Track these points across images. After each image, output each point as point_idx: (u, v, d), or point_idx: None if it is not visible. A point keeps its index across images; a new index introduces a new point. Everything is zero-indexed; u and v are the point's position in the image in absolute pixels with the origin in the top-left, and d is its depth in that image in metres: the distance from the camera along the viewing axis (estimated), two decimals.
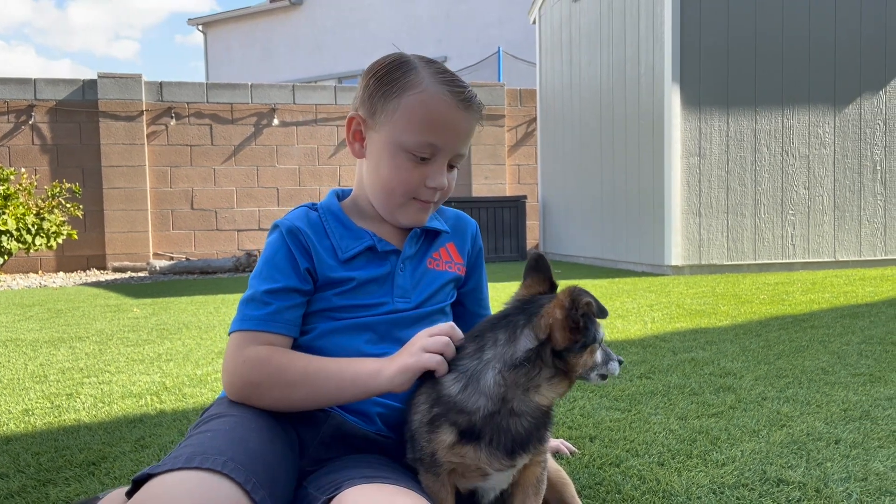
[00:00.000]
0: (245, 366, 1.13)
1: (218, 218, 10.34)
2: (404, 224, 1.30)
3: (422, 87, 1.20)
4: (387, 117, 1.22)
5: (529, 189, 11.25)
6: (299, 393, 1.13)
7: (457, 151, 1.25)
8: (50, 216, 8.21)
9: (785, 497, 1.37)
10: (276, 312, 1.18)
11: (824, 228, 6.63)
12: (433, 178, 1.23)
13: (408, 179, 1.23)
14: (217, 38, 20.05)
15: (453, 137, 1.23)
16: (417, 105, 1.20)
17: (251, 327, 1.16)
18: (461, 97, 1.22)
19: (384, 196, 1.27)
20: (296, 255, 1.22)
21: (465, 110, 1.23)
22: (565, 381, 1.07)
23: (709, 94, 6.39)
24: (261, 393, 1.13)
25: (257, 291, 1.19)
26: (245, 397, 1.14)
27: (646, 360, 2.70)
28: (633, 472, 1.54)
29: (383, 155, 1.24)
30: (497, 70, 14.83)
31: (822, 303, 4.12)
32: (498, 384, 1.06)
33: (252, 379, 1.12)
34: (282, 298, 1.19)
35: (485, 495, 1.18)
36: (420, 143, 1.20)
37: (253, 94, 10.36)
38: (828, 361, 2.58)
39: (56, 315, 4.90)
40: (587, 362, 1.06)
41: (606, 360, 1.09)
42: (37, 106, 9.53)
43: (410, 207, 1.27)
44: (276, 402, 1.14)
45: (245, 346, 1.15)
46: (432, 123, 1.20)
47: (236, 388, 1.14)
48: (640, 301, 4.56)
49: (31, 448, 1.87)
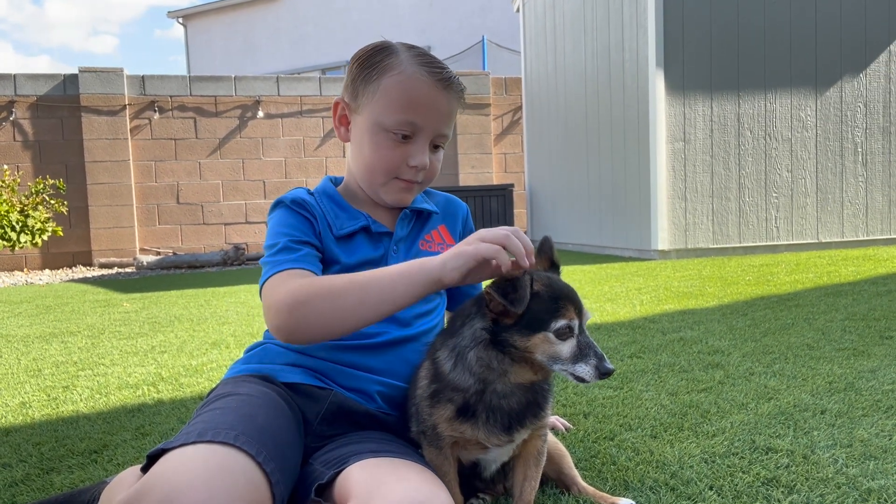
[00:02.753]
0: (289, 292, 1.10)
1: (204, 212, 10.29)
2: (388, 203, 1.33)
3: (400, 69, 1.24)
4: (367, 99, 1.25)
5: (516, 177, 11.28)
6: (350, 300, 1.08)
7: (438, 131, 1.27)
8: (34, 213, 8.12)
9: (774, 464, 1.42)
10: (306, 255, 1.20)
11: (807, 210, 6.72)
12: (414, 156, 1.26)
13: (389, 158, 1.26)
14: (198, 30, 19.82)
15: (432, 115, 1.25)
16: (396, 86, 1.23)
17: (286, 267, 1.16)
18: (439, 77, 1.25)
19: (368, 175, 1.30)
20: (308, 218, 1.27)
21: (443, 89, 1.26)
22: (526, 366, 1.08)
23: (693, 79, 6.45)
24: (309, 310, 1.08)
25: (283, 242, 1.20)
26: (293, 321, 1.09)
27: (636, 341, 2.75)
28: (628, 445, 1.58)
29: (365, 136, 1.27)
30: (482, 59, 14.81)
31: (806, 282, 4.20)
32: (479, 363, 1.09)
33: (298, 297, 1.09)
34: (307, 248, 1.22)
35: (487, 467, 1.22)
36: (399, 121, 1.23)
37: (237, 86, 10.28)
38: (813, 338, 2.64)
39: (45, 311, 4.88)
40: (542, 349, 1.05)
41: (577, 359, 1.03)
42: (17, 102, 9.40)
43: (393, 186, 1.30)
44: (325, 317, 1.09)
45: (285, 281, 1.13)
46: (411, 102, 1.23)
47: (283, 313, 1.09)
48: (629, 285, 4.62)
49: (32, 439, 1.88)
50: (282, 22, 18.75)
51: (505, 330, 1.06)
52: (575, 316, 1.05)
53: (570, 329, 1.04)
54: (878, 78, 6.72)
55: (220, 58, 19.19)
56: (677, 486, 1.33)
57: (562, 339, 1.04)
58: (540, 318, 1.04)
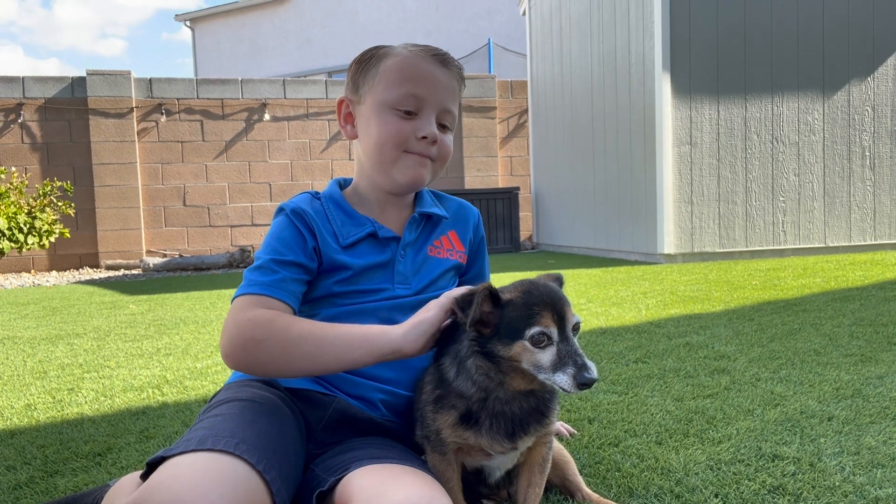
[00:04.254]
0: (248, 323, 1.10)
1: (210, 214, 10.32)
2: (403, 182, 1.28)
3: (395, 53, 1.27)
4: (368, 87, 1.27)
5: (522, 180, 11.28)
6: (303, 350, 1.08)
7: (443, 105, 1.28)
8: (42, 215, 8.17)
9: (780, 471, 1.41)
10: (281, 280, 1.18)
11: (815, 215, 6.69)
12: (422, 128, 1.26)
13: (397, 131, 1.25)
14: (205, 33, 19.91)
15: (434, 88, 1.26)
16: (394, 65, 1.26)
17: (257, 291, 1.15)
18: (434, 53, 1.28)
19: (378, 156, 1.27)
20: (304, 233, 1.25)
21: (440, 65, 1.28)
22: (517, 375, 1.07)
23: (699, 82, 6.43)
24: (260, 351, 1.08)
25: (265, 260, 1.20)
26: (243, 356, 1.09)
27: (641, 346, 2.74)
28: (632, 451, 1.57)
29: (372, 119, 1.27)
30: (488, 62, 14.82)
31: (813, 287, 4.18)
32: (479, 371, 1.08)
33: (254, 335, 1.09)
34: (288, 270, 1.20)
35: (491, 473, 1.21)
36: (402, 94, 1.24)
37: (243, 89, 10.32)
38: (820, 343, 2.62)
39: (52, 313, 4.90)
40: (523, 357, 1.03)
41: (556, 368, 1.00)
42: (25, 104, 9.46)
43: (406, 162, 1.27)
44: (275, 361, 1.09)
45: (250, 308, 1.13)
46: (411, 76, 1.25)
47: (235, 345, 1.09)
48: (634, 289, 4.60)
49: (36, 441, 1.88)
50: (288, 25, 18.82)
51: (488, 340, 1.06)
52: (552, 323, 1.02)
53: (546, 336, 1.01)
54: (886, 81, 6.68)
55: (227, 61, 19.27)
56: (682, 494, 1.32)
57: (539, 348, 1.02)
58: (514, 327, 1.03)
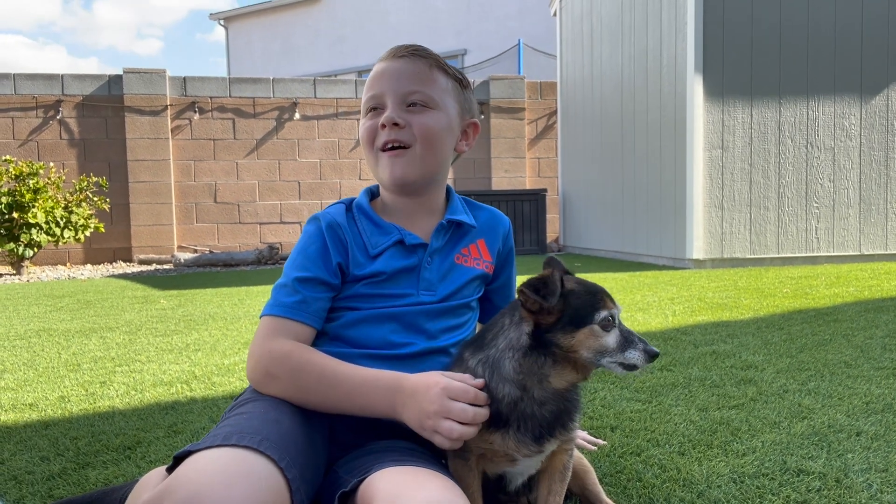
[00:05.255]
0: (267, 356, 1.19)
1: (240, 211, 10.47)
2: (387, 180, 1.34)
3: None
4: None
5: (549, 182, 11.22)
6: (316, 394, 1.17)
7: (403, 89, 1.30)
8: (78, 209, 8.37)
9: (805, 487, 1.39)
10: (303, 302, 1.24)
11: (849, 222, 6.54)
12: (383, 118, 1.31)
13: (367, 129, 1.33)
14: (238, 32, 20.20)
15: (388, 81, 1.31)
16: (368, 78, 1.36)
17: (280, 313, 1.23)
18: (394, 52, 1.34)
19: (368, 163, 1.38)
20: (330, 249, 1.27)
21: (394, 59, 1.33)
22: (569, 367, 1.08)
23: (732, 84, 6.33)
24: (277, 385, 1.18)
25: (290, 278, 1.26)
26: (262, 387, 1.20)
27: (666, 353, 2.71)
28: (654, 462, 1.56)
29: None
30: (517, 63, 14.78)
31: (846, 296, 4.09)
32: (516, 371, 1.09)
33: (270, 370, 1.19)
34: (310, 289, 1.25)
35: (512, 480, 1.22)
36: (365, 101, 1.34)
37: (275, 88, 10.45)
38: (851, 355, 2.57)
39: (86, 306, 5.03)
40: (587, 344, 1.05)
41: (624, 347, 1.05)
42: (64, 101, 9.70)
43: (382, 161, 1.33)
44: (291, 397, 1.18)
45: (272, 336, 1.21)
46: (372, 81, 1.33)
47: (256, 376, 1.21)
48: (661, 294, 4.55)
49: (69, 433, 1.94)
50: (320, 24, 19.00)
51: (548, 331, 1.07)
52: (614, 306, 1.07)
53: (612, 319, 1.06)
54: None
55: (259, 60, 19.53)
56: None
57: (606, 331, 1.05)
58: (583, 313, 1.05)
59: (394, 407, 1.13)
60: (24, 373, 2.78)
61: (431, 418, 1.07)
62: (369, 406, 1.15)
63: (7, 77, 9.57)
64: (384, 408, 1.14)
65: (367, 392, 1.15)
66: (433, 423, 1.07)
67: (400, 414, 1.12)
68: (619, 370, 1.05)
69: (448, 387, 1.08)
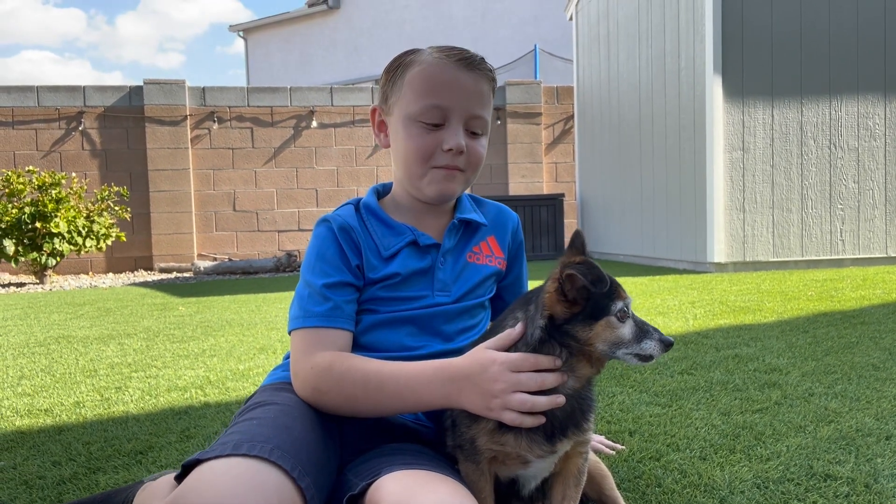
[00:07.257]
0: (311, 373, 1.15)
1: (259, 219, 10.54)
2: (432, 196, 1.27)
3: (420, 60, 1.25)
4: (396, 98, 1.26)
5: (567, 187, 11.15)
6: (363, 406, 1.15)
7: (469, 111, 1.24)
8: (99, 219, 8.48)
9: (832, 492, 1.33)
10: (335, 308, 1.20)
11: (875, 223, 6.40)
12: (448, 140, 1.23)
13: (422, 146, 1.24)
14: (257, 44, 20.42)
15: (458, 95, 1.23)
16: (417, 75, 1.24)
17: (314, 324, 1.19)
18: (458, 57, 1.24)
19: (406, 170, 1.27)
20: (346, 251, 1.24)
21: (465, 69, 1.24)
22: (584, 360, 1.05)
23: (752, 85, 6.23)
24: (328, 400, 1.15)
25: (316, 285, 1.21)
26: (314, 402, 1.16)
27: (687, 357, 2.65)
28: (674, 466, 1.51)
29: (399, 132, 1.26)
30: (534, 68, 14.75)
31: (872, 299, 3.98)
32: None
33: (317, 385, 1.15)
34: (339, 293, 1.21)
35: (525, 484, 1.18)
36: (425, 107, 1.22)
37: (292, 97, 10.52)
38: (879, 358, 2.49)
39: (105, 313, 5.07)
40: (603, 336, 1.01)
41: (640, 337, 1.02)
42: (86, 112, 9.86)
43: (433, 176, 1.26)
44: (342, 408, 1.16)
45: (311, 350, 1.17)
46: (433, 87, 1.22)
47: (306, 394, 1.17)
48: (682, 298, 4.48)
49: (83, 438, 1.93)
50: (337, 34, 19.14)
51: (566, 323, 1.03)
52: (626, 295, 1.04)
53: (626, 309, 1.03)
54: None
55: (277, 70, 19.72)
56: None
57: (622, 322, 1.02)
58: (601, 305, 1.01)
59: (448, 397, 1.08)
60: (41, 379, 2.79)
61: (499, 396, 1.02)
62: (422, 402, 1.11)
63: (30, 90, 9.74)
64: (438, 400, 1.09)
65: (415, 388, 1.10)
66: (501, 401, 1.02)
67: (457, 402, 1.07)
68: (635, 361, 1.02)
69: (507, 361, 1.03)
